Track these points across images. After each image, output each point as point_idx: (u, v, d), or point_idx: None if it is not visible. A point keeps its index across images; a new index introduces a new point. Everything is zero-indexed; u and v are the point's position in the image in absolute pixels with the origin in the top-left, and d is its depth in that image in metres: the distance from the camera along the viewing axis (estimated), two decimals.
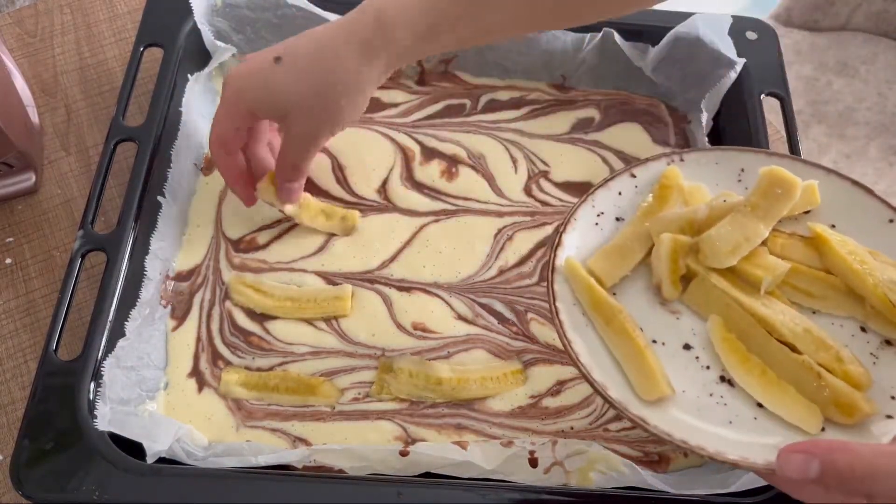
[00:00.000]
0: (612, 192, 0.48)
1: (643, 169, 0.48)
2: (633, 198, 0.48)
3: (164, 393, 0.50)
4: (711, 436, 0.39)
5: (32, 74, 0.66)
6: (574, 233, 0.46)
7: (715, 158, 0.49)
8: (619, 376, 0.41)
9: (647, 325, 0.43)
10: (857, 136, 1.08)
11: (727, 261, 0.43)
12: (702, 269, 0.43)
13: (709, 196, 0.47)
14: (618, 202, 0.48)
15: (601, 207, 0.47)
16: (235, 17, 0.61)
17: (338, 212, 0.57)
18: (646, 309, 0.44)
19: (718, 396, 0.41)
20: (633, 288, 0.45)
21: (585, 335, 0.42)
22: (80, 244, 0.50)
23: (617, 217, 0.47)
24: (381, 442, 0.49)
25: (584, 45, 0.61)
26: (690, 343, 0.43)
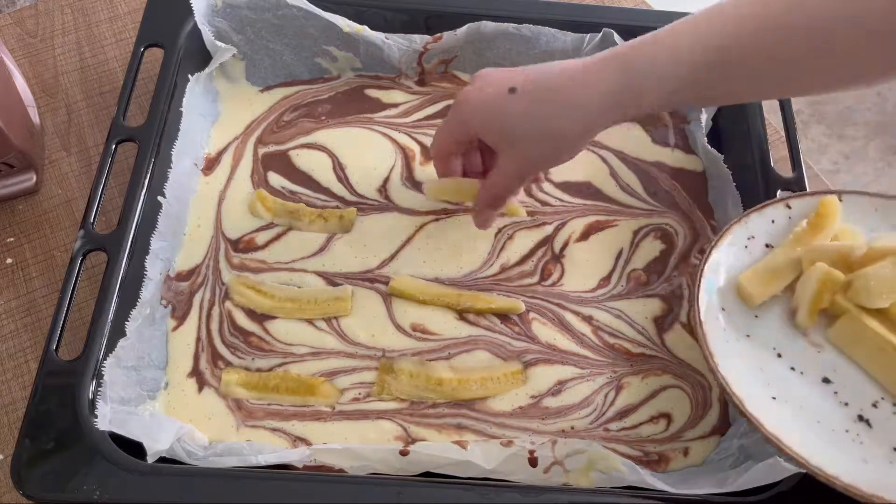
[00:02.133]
0: (765, 218, 0.49)
1: (800, 201, 0.50)
2: (784, 227, 0.49)
3: (165, 393, 0.50)
4: (847, 469, 0.39)
5: (33, 75, 0.66)
6: (723, 251, 0.47)
7: (875, 205, 0.50)
8: (757, 394, 0.41)
9: (785, 352, 0.44)
10: (856, 136, 1.08)
11: (881, 301, 0.43)
12: (852, 307, 0.44)
13: (861, 239, 0.48)
14: (769, 229, 0.49)
15: (753, 231, 0.49)
16: (236, 18, 0.61)
17: (334, 213, 0.57)
18: (785, 335, 0.45)
19: (855, 434, 0.41)
20: (772, 312, 0.46)
21: (726, 351, 0.43)
22: (80, 244, 0.50)
23: (767, 244, 0.48)
24: (382, 441, 0.49)
25: (584, 45, 0.61)
26: (830, 378, 0.43)
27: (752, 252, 0.48)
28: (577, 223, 0.58)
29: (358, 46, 0.62)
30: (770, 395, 0.43)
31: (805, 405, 0.42)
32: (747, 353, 0.45)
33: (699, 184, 0.60)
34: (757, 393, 0.42)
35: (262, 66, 0.63)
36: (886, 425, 0.42)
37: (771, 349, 0.45)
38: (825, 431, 0.41)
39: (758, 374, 0.44)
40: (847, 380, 0.43)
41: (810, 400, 0.43)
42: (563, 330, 0.53)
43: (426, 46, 0.62)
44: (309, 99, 0.63)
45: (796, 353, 0.45)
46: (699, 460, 0.49)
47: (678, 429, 0.50)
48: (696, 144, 0.61)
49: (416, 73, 0.64)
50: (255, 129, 0.61)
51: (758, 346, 0.45)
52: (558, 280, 0.55)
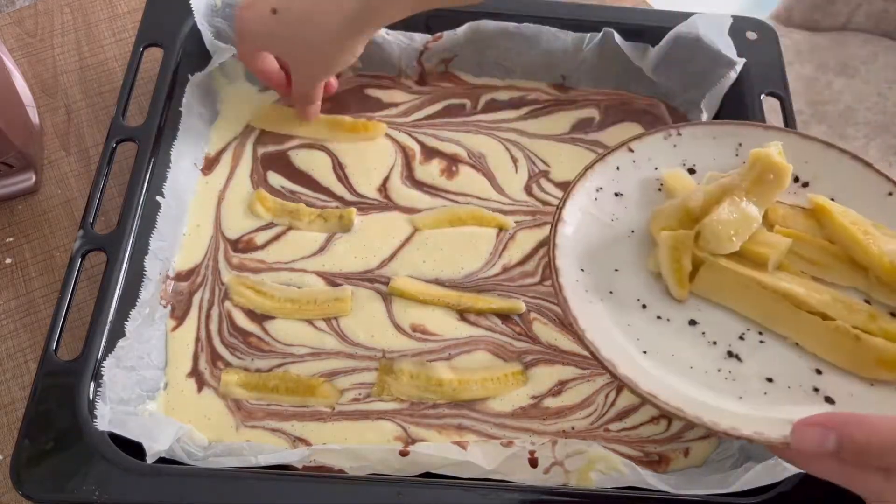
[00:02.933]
0: (609, 167, 0.48)
1: (640, 143, 0.48)
2: (631, 173, 0.48)
3: (164, 393, 0.50)
4: (724, 412, 0.38)
5: (32, 74, 0.66)
6: (573, 207, 0.46)
7: (712, 133, 0.49)
8: (628, 353, 0.41)
9: (649, 301, 0.43)
10: (856, 136, 1.08)
11: (731, 246, 0.42)
12: (708, 257, 0.43)
13: (692, 183, 0.47)
14: (616, 177, 0.47)
15: (599, 182, 0.47)
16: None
17: (333, 213, 0.57)
18: (647, 283, 0.44)
19: (727, 372, 0.41)
20: (635, 267, 0.45)
21: (590, 312, 0.42)
22: (80, 244, 0.50)
23: (616, 192, 0.47)
24: (382, 442, 0.49)
25: (585, 44, 0.61)
26: (696, 319, 0.43)
27: (601, 203, 0.46)
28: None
29: None
30: (641, 349, 0.42)
31: (676, 353, 0.41)
32: (612, 311, 0.43)
33: None
34: (627, 351, 0.41)
35: None
36: (755, 356, 0.41)
37: (635, 301, 0.44)
38: (698, 375, 0.40)
39: (626, 331, 0.42)
40: (712, 317, 0.43)
41: (680, 346, 0.42)
42: (564, 330, 0.53)
43: (426, 46, 0.62)
44: None
45: (660, 299, 0.44)
46: (699, 461, 0.49)
47: (679, 429, 0.50)
48: None
49: (416, 73, 0.64)
50: (252, 129, 0.61)
51: (622, 300, 0.44)
52: None
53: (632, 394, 0.39)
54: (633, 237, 0.46)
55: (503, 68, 0.64)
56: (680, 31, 0.60)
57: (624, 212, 0.47)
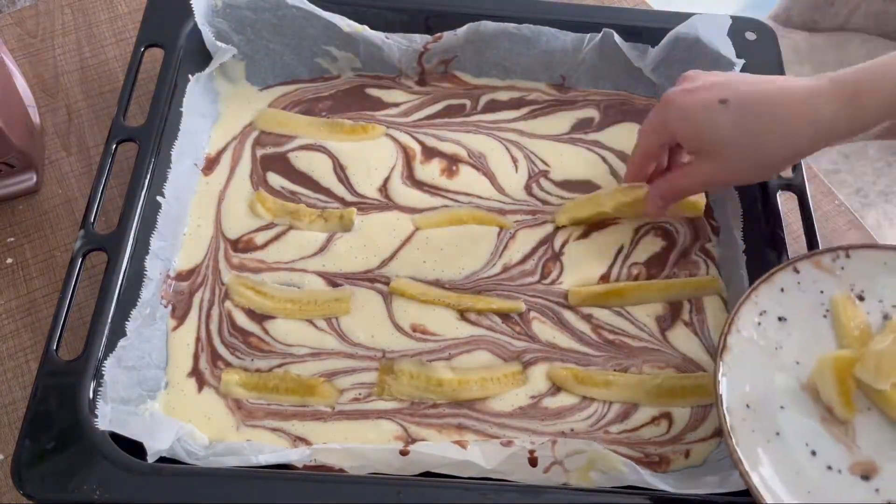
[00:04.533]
0: (774, 288, 0.46)
1: (806, 263, 0.47)
2: (795, 295, 0.46)
3: (165, 392, 0.50)
4: None
5: (33, 75, 0.66)
6: (735, 338, 0.44)
7: (884, 258, 0.47)
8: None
9: (819, 447, 0.41)
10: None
11: (884, 383, 0.41)
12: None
13: (860, 309, 0.45)
14: (780, 300, 0.46)
15: (764, 305, 0.45)
16: (236, 18, 0.61)
17: (334, 213, 0.57)
18: (813, 426, 0.42)
19: None
20: (798, 400, 0.43)
21: (758, 458, 0.40)
22: (80, 244, 0.50)
23: (779, 317, 0.45)
24: (382, 441, 0.49)
25: (584, 45, 0.61)
26: (868, 472, 0.41)
27: (765, 329, 0.44)
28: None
29: (358, 46, 0.62)
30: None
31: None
32: (780, 456, 0.41)
33: None
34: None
35: (262, 67, 0.63)
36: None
37: (804, 446, 0.42)
38: None
39: (794, 481, 0.40)
40: (886, 473, 0.40)
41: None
42: (562, 329, 0.53)
43: (426, 46, 0.62)
44: (309, 96, 0.63)
45: (830, 447, 0.41)
46: (700, 462, 0.49)
47: (679, 430, 0.50)
48: None
49: (416, 73, 0.64)
50: (252, 130, 0.61)
51: (789, 444, 0.42)
52: (557, 278, 0.56)
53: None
54: (800, 369, 0.44)
55: (503, 69, 0.64)
56: (679, 31, 0.60)
57: (787, 339, 0.45)
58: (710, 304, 0.55)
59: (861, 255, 0.47)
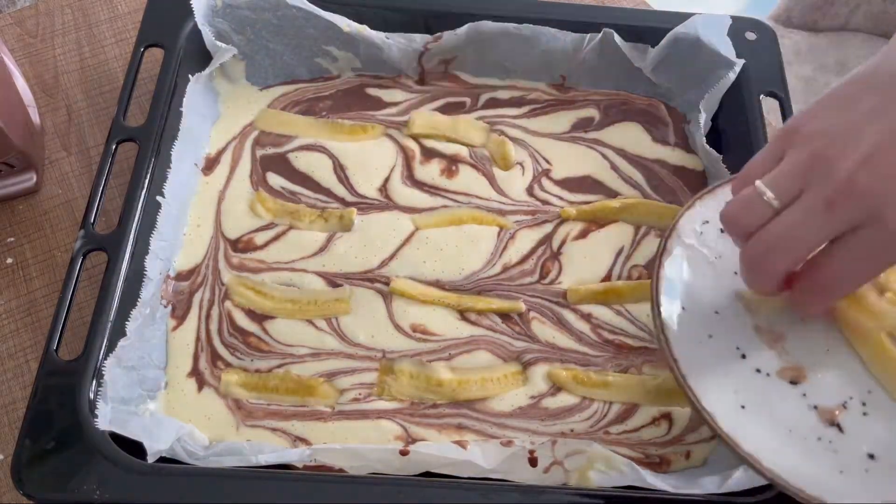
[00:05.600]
0: (718, 200, 0.45)
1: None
2: None
3: (164, 392, 0.50)
4: (825, 487, 0.37)
5: (33, 74, 0.66)
6: (678, 239, 0.44)
7: None
8: (728, 406, 0.39)
9: (749, 351, 0.42)
10: None
11: None
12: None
13: None
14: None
15: (706, 215, 0.45)
16: (236, 18, 0.61)
17: (334, 213, 0.57)
18: (745, 332, 0.42)
19: (827, 442, 0.39)
20: (729, 305, 0.43)
21: (690, 356, 0.40)
22: (80, 244, 0.50)
23: (721, 228, 0.44)
24: (382, 441, 0.49)
25: (584, 45, 0.61)
26: (796, 378, 0.41)
27: (706, 238, 0.44)
28: (575, 221, 0.58)
29: (358, 46, 0.62)
30: (739, 403, 0.40)
31: (775, 413, 0.40)
32: (712, 357, 0.42)
33: (700, 183, 0.60)
34: (727, 404, 0.39)
35: (262, 67, 0.63)
36: (857, 429, 0.39)
37: (734, 349, 0.42)
38: (798, 441, 0.39)
39: (723, 381, 0.41)
40: (814, 379, 0.41)
41: (779, 406, 0.40)
42: (562, 329, 0.53)
43: (426, 46, 0.62)
44: (309, 96, 0.63)
45: (760, 350, 0.42)
46: (700, 462, 0.49)
47: (680, 431, 0.50)
48: (695, 144, 0.61)
49: (416, 73, 0.64)
50: (252, 130, 0.61)
51: (721, 347, 0.42)
52: (556, 278, 0.56)
53: (729, 451, 0.38)
54: (737, 279, 0.43)
55: (503, 69, 0.64)
56: (679, 31, 0.60)
57: (729, 250, 0.44)
58: None
59: None
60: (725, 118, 0.61)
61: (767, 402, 0.40)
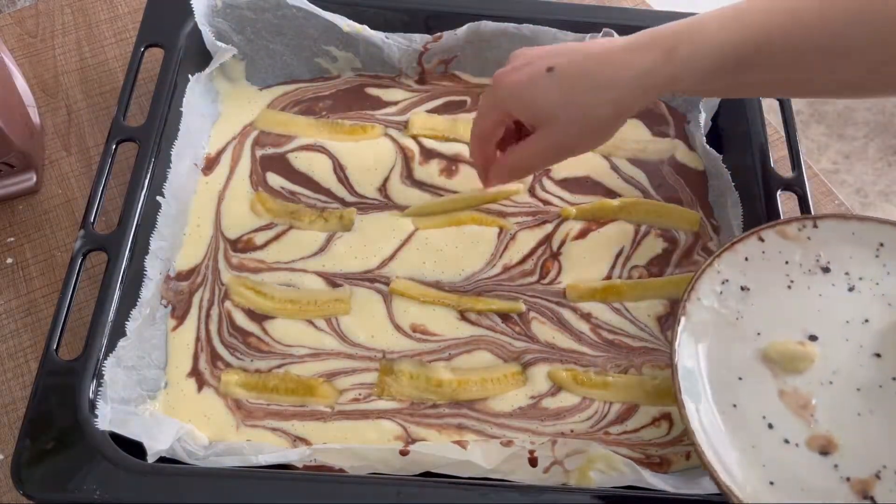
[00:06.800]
0: (738, 256, 0.45)
1: (772, 233, 0.46)
2: (759, 264, 0.45)
3: (164, 392, 0.50)
4: None
5: (33, 75, 0.66)
6: (697, 299, 0.43)
7: (851, 229, 0.46)
8: (753, 481, 0.39)
9: (776, 420, 0.41)
10: (856, 136, 1.08)
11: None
12: None
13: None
14: (744, 269, 0.45)
15: (726, 273, 0.45)
16: (236, 18, 0.61)
17: (334, 213, 0.57)
18: (771, 398, 0.42)
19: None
20: (754, 370, 0.43)
21: (711, 425, 0.40)
22: (80, 244, 0.50)
23: (742, 286, 0.44)
24: (382, 441, 0.49)
25: None
26: (827, 448, 0.40)
27: (727, 299, 0.43)
28: (575, 221, 0.58)
29: (358, 46, 0.62)
30: (767, 479, 0.39)
31: (806, 488, 0.38)
32: (736, 428, 0.41)
33: (701, 182, 0.60)
34: (755, 481, 0.38)
35: (262, 67, 0.63)
36: (893, 500, 0.38)
37: (761, 419, 0.41)
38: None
39: (750, 454, 0.40)
40: (846, 448, 0.40)
41: (811, 480, 0.38)
42: (562, 329, 0.53)
43: (426, 46, 0.62)
44: (309, 96, 0.63)
45: (787, 420, 0.40)
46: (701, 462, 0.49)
47: (680, 432, 0.50)
48: (695, 144, 0.61)
49: (416, 73, 0.64)
50: (252, 129, 0.61)
51: (746, 417, 0.41)
52: (556, 277, 0.55)
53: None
54: (760, 339, 0.43)
55: None
56: None
57: (751, 309, 0.44)
58: None
59: (829, 224, 0.46)
60: (725, 118, 0.61)
61: (797, 477, 0.39)
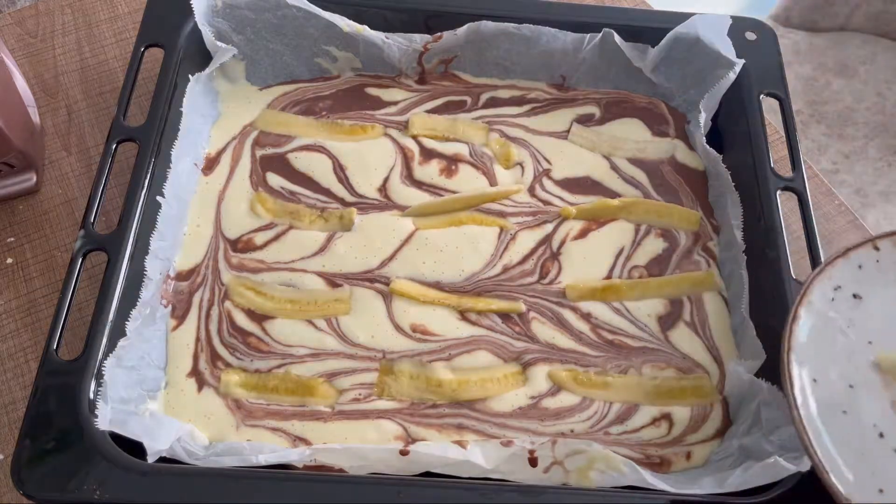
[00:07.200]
0: (851, 264, 0.44)
1: (888, 242, 0.45)
2: (874, 275, 0.44)
3: (164, 392, 0.50)
4: None
5: (33, 75, 0.66)
6: (809, 305, 0.43)
7: None
8: (864, 489, 0.38)
9: (887, 429, 0.40)
10: (856, 136, 1.08)
11: None
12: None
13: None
14: (857, 277, 0.44)
15: (838, 280, 0.44)
16: (236, 18, 0.61)
17: (334, 213, 0.57)
18: (883, 406, 0.41)
19: None
20: (866, 379, 0.42)
21: (823, 433, 0.39)
22: (81, 244, 0.50)
23: (854, 294, 0.44)
24: (382, 441, 0.49)
25: (584, 45, 0.61)
26: None
27: (838, 305, 0.43)
28: (575, 221, 0.58)
29: (358, 46, 0.62)
30: (877, 487, 0.38)
31: None
32: (844, 435, 0.40)
33: (701, 182, 0.60)
34: (864, 488, 0.38)
35: (262, 67, 0.63)
36: None
37: (871, 426, 0.40)
38: None
39: (859, 461, 0.39)
40: None
41: None
42: (562, 329, 0.53)
43: (426, 46, 0.62)
44: (309, 96, 0.63)
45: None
46: (701, 463, 0.49)
47: (680, 432, 0.50)
48: (695, 144, 0.61)
49: (416, 73, 0.64)
50: (252, 130, 0.61)
51: (857, 424, 0.40)
52: (556, 277, 0.56)
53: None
54: (872, 348, 0.42)
55: (503, 68, 0.64)
56: (679, 31, 0.60)
57: (862, 318, 0.43)
58: (712, 304, 0.55)
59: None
60: (725, 118, 0.61)
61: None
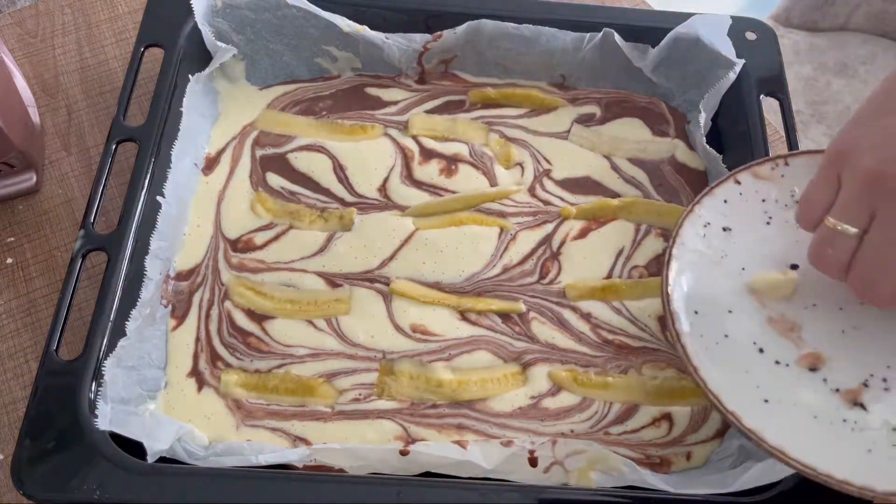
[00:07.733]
0: (717, 200, 0.47)
1: (747, 174, 0.48)
2: (738, 205, 0.47)
3: (164, 392, 0.50)
4: (855, 468, 0.37)
5: (33, 74, 0.66)
6: (682, 245, 0.45)
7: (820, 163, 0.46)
8: (750, 402, 0.40)
9: (766, 345, 0.43)
10: None
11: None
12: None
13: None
14: (724, 211, 0.47)
15: (707, 217, 0.47)
16: (236, 18, 0.61)
17: (334, 213, 0.57)
18: (760, 325, 0.43)
19: (853, 423, 0.40)
20: (742, 302, 0.44)
21: (708, 359, 0.42)
22: (81, 244, 0.50)
23: (724, 227, 0.46)
24: (382, 441, 0.49)
25: (584, 45, 0.61)
26: (815, 364, 0.42)
27: (710, 240, 0.45)
28: (575, 221, 0.58)
29: (358, 46, 0.62)
30: (762, 398, 0.41)
31: (798, 402, 0.41)
32: (729, 356, 0.43)
33: (701, 182, 0.60)
34: (749, 400, 0.40)
35: (262, 67, 0.63)
36: (881, 405, 0.40)
37: (751, 344, 0.43)
38: (823, 426, 0.40)
39: (744, 378, 0.42)
40: (833, 363, 0.42)
41: (802, 395, 0.41)
42: (562, 329, 0.53)
43: (426, 46, 0.62)
44: (309, 96, 0.63)
45: (777, 342, 0.43)
46: (701, 463, 0.49)
47: (680, 432, 0.50)
48: (695, 144, 0.61)
49: (416, 73, 0.64)
50: (252, 129, 0.61)
51: (738, 344, 0.43)
52: (556, 277, 0.55)
53: (756, 446, 0.39)
54: (745, 274, 0.45)
55: (503, 68, 0.64)
56: (679, 31, 0.60)
57: (734, 247, 0.46)
58: None
59: (800, 161, 0.48)
60: (725, 118, 0.61)
61: (790, 393, 0.41)
